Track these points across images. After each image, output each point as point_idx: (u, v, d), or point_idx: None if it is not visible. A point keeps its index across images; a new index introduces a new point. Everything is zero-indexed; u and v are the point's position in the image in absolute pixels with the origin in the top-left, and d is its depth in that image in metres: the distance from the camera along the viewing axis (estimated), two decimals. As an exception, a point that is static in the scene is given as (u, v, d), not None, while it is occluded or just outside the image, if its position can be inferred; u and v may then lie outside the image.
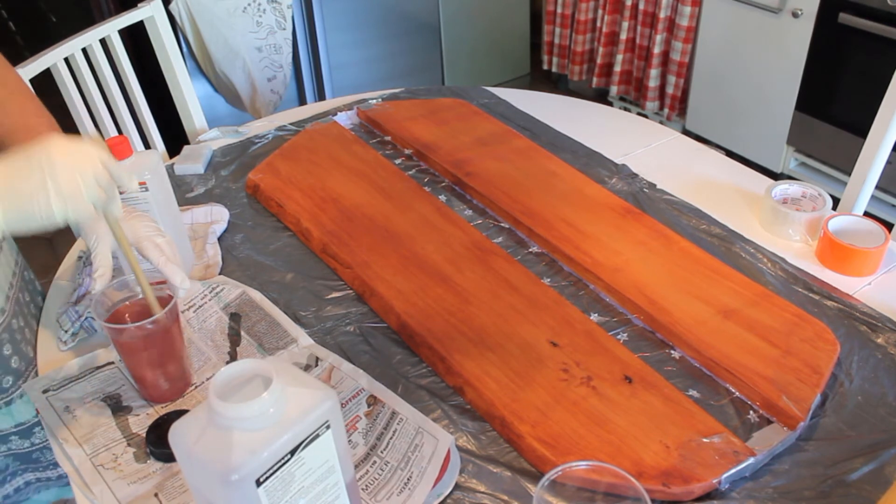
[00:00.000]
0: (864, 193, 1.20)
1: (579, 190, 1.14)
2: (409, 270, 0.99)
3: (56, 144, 0.65)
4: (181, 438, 0.55)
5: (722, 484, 0.73)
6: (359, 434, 0.79)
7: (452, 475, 0.75)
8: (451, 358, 0.86)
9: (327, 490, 0.60)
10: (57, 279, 1.03)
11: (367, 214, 1.10)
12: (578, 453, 0.75)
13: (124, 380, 0.86)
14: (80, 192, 0.65)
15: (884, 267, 1.01)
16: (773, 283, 0.98)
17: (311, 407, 0.56)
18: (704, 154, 1.29)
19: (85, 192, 0.66)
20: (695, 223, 1.10)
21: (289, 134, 1.35)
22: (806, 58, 2.15)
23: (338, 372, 0.86)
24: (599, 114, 1.42)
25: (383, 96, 1.45)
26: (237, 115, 2.36)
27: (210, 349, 0.90)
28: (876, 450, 0.76)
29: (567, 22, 2.88)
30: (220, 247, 1.07)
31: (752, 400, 0.82)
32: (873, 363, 0.86)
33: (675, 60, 2.53)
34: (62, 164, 0.64)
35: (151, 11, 1.40)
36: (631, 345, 0.89)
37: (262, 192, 1.17)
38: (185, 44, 2.16)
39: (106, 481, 0.75)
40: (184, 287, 0.79)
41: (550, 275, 1.01)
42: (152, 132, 1.48)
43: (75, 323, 0.92)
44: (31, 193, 0.64)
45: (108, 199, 0.69)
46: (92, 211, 0.67)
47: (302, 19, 2.37)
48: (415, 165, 1.25)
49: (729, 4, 2.30)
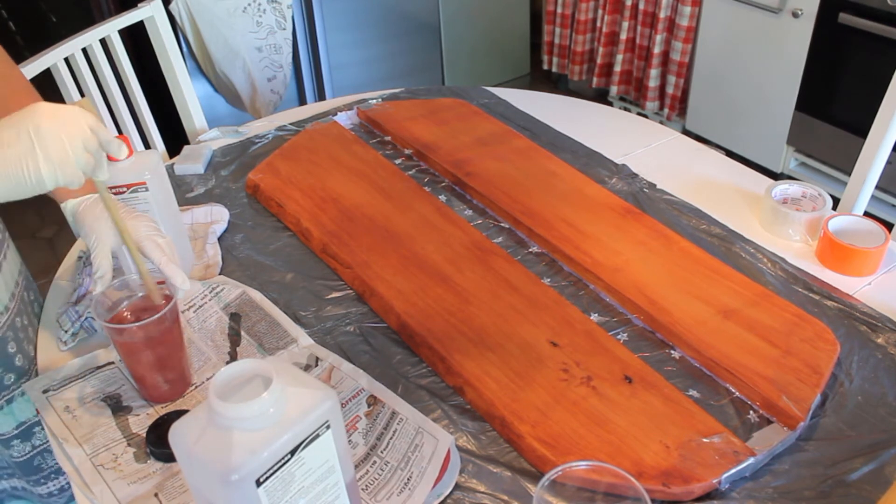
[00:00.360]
0: (864, 193, 1.20)
1: (579, 190, 1.14)
2: (409, 270, 0.99)
3: (43, 110, 0.66)
4: (181, 438, 0.55)
5: (722, 484, 0.73)
6: (359, 434, 0.79)
7: (452, 475, 0.75)
8: (451, 358, 0.86)
9: (327, 490, 0.60)
10: (57, 279, 1.03)
11: (367, 214, 1.10)
12: (578, 453, 0.75)
13: (124, 380, 0.86)
14: (68, 156, 0.66)
15: (884, 267, 1.01)
16: (773, 283, 0.98)
17: (311, 407, 0.56)
18: (704, 154, 1.29)
19: (73, 157, 0.66)
20: (695, 223, 1.10)
21: (289, 134, 1.35)
22: (806, 58, 2.15)
23: (338, 372, 0.86)
24: (599, 114, 1.42)
25: (383, 96, 1.45)
26: (237, 115, 2.36)
27: (210, 349, 0.90)
28: (876, 450, 0.76)
29: (567, 22, 2.88)
30: (220, 247, 1.07)
31: (752, 400, 0.82)
32: (873, 363, 0.86)
33: (675, 60, 2.53)
34: (49, 129, 0.65)
35: (151, 11, 1.40)
36: (631, 345, 0.89)
37: (262, 192, 1.17)
38: (185, 44, 2.16)
39: (106, 481, 0.75)
40: (184, 287, 0.79)
41: (550, 275, 1.01)
42: (152, 132, 1.48)
43: (75, 323, 0.92)
44: (19, 159, 0.64)
45: (96, 164, 0.69)
46: (81, 176, 0.68)
47: (302, 19, 2.37)
48: (415, 165, 1.25)
49: (729, 4, 2.30)
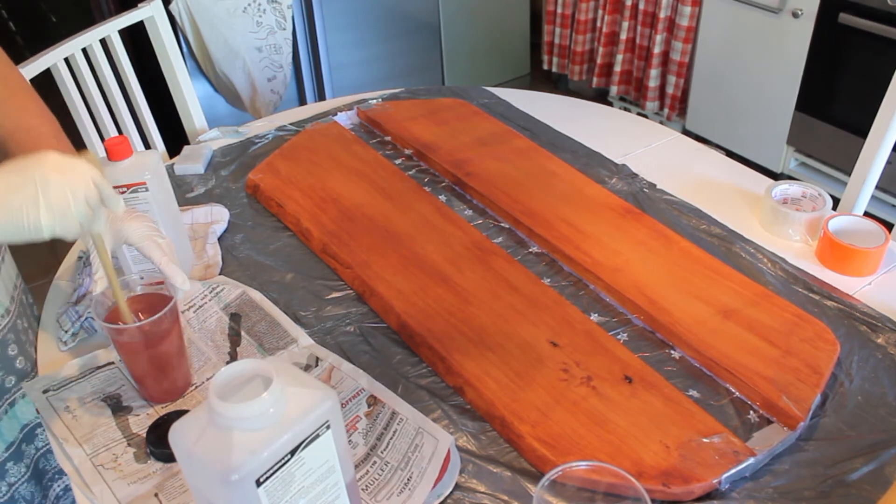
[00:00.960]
0: (864, 193, 1.20)
1: (579, 190, 1.14)
2: (409, 270, 0.99)
3: (51, 161, 0.67)
4: (181, 438, 0.55)
5: (722, 484, 0.73)
6: (359, 434, 0.79)
7: (452, 475, 0.75)
8: (451, 358, 0.86)
9: (327, 490, 0.60)
10: (57, 279, 1.03)
11: (367, 214, 1.10)
12: (578, 453, 0.75)
13: (124, 380, 0.86)
14: (69, 209, 0.67)
15: (884, 267, 1.01)
16: (773, 283, 0.98)
17: (311, 407, 0.56)
18: (704, 154, 1.29)
19: (74, 210, 0.67)
20: (695, 223, 1.10)
21: (289, 134, 1.35)
22: (806, 58, 2.15)
23: (338, 372, 0.86)
24: (599, 114, 1.42)
25: (383, 96, 1.45)
26: (237, 115, 2.36)
27: (210, 349, 0.90)
28: (876, 450, 0.76)
29: (567, 22, 2.88)
30: (220, 247, 1.07)
31: (752, 400, 0.82)
32: (873, 363, 0.86)
33: (675, 60, 2.53)
34: (56, 181, 0.66)
35: (151, 11, 1.40)
36: (631, 345, 0.89)
37: (262, 192, 1.17)
38: (185, 44, 2.16)
39: (106, 481, 0.75)
40: (184, 288, 0.79)
41: (550, 275, 1.01)
42: (152, 132, 1.48)
43: (75, 323, 0.92)
44: (21, 206, 0.65)
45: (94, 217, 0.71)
46: (78, 228, 0.69)
47: (302, 19, 2.37)
48: (415, 165, 1.25)
49: (729, 4, 2.30)
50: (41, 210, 0.66)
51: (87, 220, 0.69)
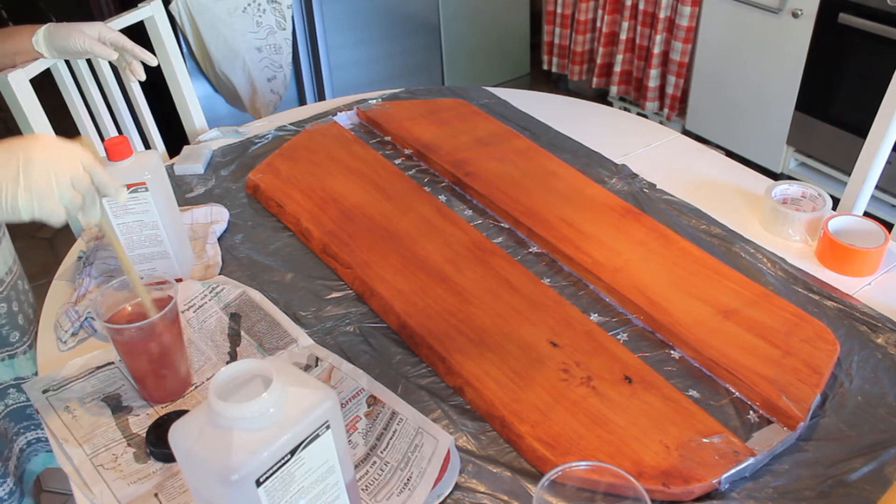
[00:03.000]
0: (864, 193, 1.20)
1: (579, 190, 1.14)
2: (409, 270, 0.99)
3: (41, 142, 0.65)
4: (181, 438, 0.55)
5: (722, 484, 0.73)
6: (359, 434, 0.79)
7: (452, 475, 0.75)
8: (451, 358, 0.86)
9: (327, 490, 0.60)
10: (57, 279, 1.03)
11: (367, 214, 1.10)
12: (578, 453, 0.75)
13: (124, 380, 0.86)
14: (51, 191, 0.65)
15: (884, 267, 1.01)
16: (773, 283, 0.98)
17: (311, 407, 0.56)
18: (704, 154, 1.29)
19: (57, 192, 0.65)
20: (695, 223, 1.10)
21: (289, 134, 1.35)
22: (806, 58, 2.15)
23: (338, 372, 0.86)
24: (599, 114, 1.42)
25: (383, 96, 1.45)
26: (237, 115, 2.36)
27: (210, 349, 0.90)
28: (876, 450, 0.76)
29: (567, 22, 2.88)
30: (220, 247, 1.07)
31: (752, 400, 0.82)
32: (873, 363, 0.86)
33: (675, 60, 2.53)
34: (39, 160, 0.64)
35: (151, 11, 1.40)
36: (631, 345, 0.89)
37: (262, 192, 1.17)
38: (185, 44, 2.16)
39: (106, 481, 0.75)
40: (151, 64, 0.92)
41: (550, 275, 1.01)
42: (152, 132, 1.48)
43: (75, 323, 0.92)
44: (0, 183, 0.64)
45: (87, 204, 0.68)
46: (62, 213, 0.66)
47: (302, 19, 2.37)
48: (415, 165, 1.25)
49: (729, 4, 2.30)
50: (20, 189, 0.64)
51: (73, 204, 0.67)
